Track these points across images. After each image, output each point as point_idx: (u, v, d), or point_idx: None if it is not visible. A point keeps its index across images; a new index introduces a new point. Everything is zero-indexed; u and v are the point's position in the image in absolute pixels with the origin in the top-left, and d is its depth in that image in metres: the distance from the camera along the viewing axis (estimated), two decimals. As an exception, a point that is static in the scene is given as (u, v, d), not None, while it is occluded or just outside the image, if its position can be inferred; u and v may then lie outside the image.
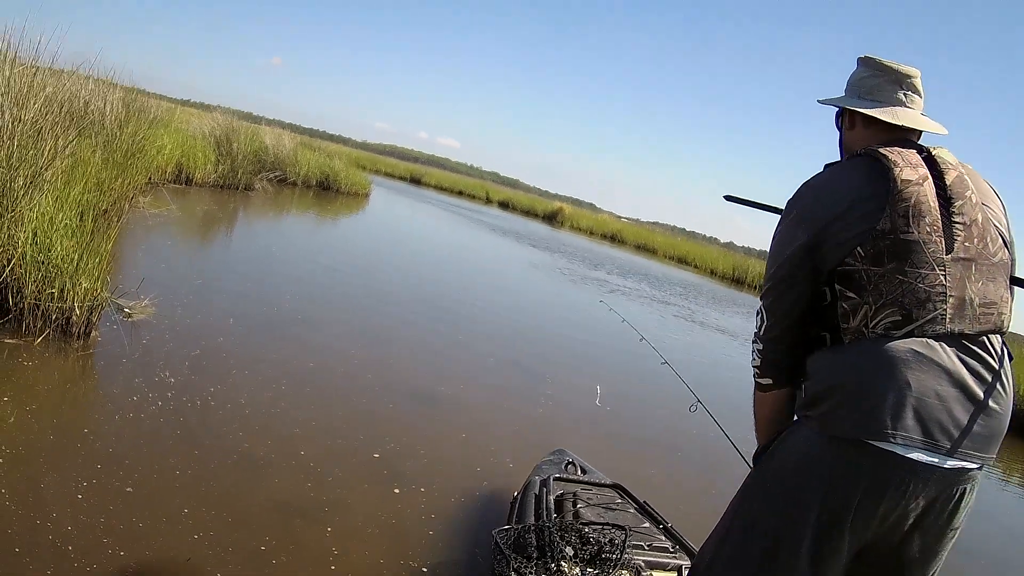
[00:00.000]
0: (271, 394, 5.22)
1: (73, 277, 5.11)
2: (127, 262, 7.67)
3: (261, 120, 26.37)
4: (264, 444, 4.38)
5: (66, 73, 9.31)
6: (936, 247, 1.82)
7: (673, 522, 3.49)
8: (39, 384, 4.44)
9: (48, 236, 5.17)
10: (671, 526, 3.43)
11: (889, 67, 2.10)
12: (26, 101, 5.49)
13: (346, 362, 6.66)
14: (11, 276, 4.91)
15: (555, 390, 7.52)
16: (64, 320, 5.16)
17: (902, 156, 1.90)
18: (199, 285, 7.92)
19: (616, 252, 35.89)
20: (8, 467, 3.39)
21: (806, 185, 2.04)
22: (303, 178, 24.11)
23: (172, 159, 14.99)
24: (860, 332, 1.85)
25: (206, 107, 25.72)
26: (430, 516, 4.05)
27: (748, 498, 2.02)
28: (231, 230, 13.44)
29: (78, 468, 3.55)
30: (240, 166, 17.87)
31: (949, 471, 1.77)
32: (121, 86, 11.91)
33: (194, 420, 4.45)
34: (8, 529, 2.95)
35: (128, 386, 4.65)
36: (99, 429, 4.05)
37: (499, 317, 11.30)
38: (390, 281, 11.88)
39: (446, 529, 3.93)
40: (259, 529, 3.46)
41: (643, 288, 20.89)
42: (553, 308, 14.38)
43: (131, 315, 5.92)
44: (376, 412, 5.55)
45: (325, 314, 8.30)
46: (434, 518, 4.03)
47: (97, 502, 3.30)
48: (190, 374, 5.13)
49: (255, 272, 9.91)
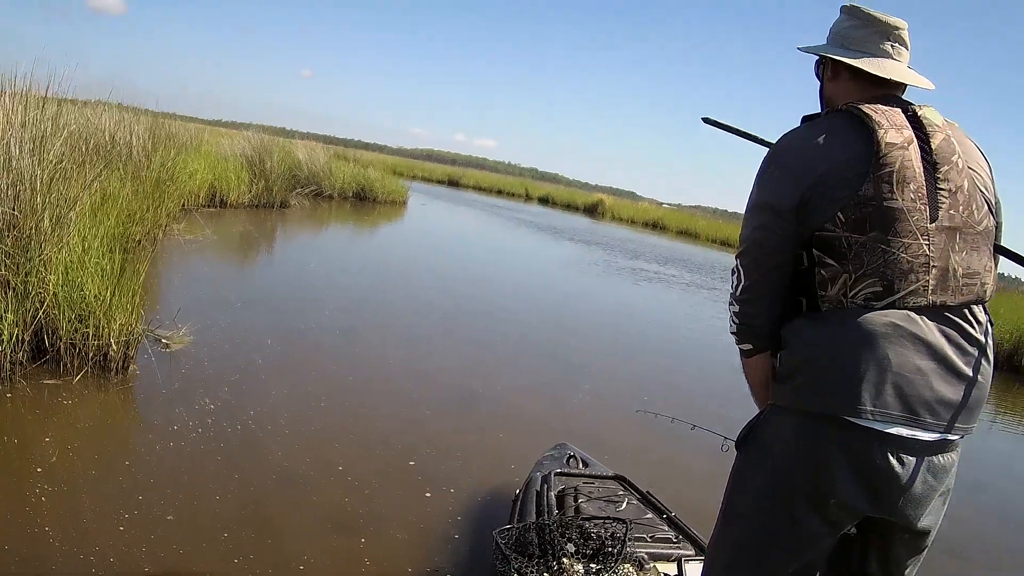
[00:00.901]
0: (310, 411, 5.36)
1: (107, 314, 5.27)
2: (163, 292, 7.87)
3: (294, 134, 26.65)
4: (303, 462, 4.51)
5: (90, 105, 9.55)
6: (920, 215, 1.79)
7: (676, 511, 3.51)
8: (80, 422, 4.61)
9: (79, 275, 5.34)
10: (674, 515, 3.44)
11: (876, 17, 2.04)
12: (49, 141, 5.63)
13: (385, 372, 6.81)
14: (45, 318, 5.09)
15: (592, 395, 7.55)
16: (101, 357, 5.33)
17: (887, 116, 1.85)
18: (237, 308, 8.09)
19: (657, 240, 35.61)
20: (51, 505, 3.55)
21: (786, 141, 2.00)
22: (339, 190, 24.34)
23: (204, 183, 15.30)
24: (839, 301, 1.82)
25: (237, 126, 26.09)
26: (457, 519, 4.14)
27: (738, 485, 2.02)
28: (268, 249, 13.68)
29: (120, 500, 3.70)
30: (274, 184, 18.12)
31: (932, 443, 1.78)
32: (147, 113, 12.19)
33: (234, 444, 4.59)
34: (52, 566, 3.09)
35: (168, 416, 4.81)
36: (140, 460, 4.20)
37: (538, 320, 11.30)
38: (428, 289, 11.97)
39: (469, 531, 4.02)
40: (297, 548, 3.57)
41: (683, 275, 20.78)
42: (593, 306, 14.41)
43: (169, 345, 6.08)
44: (414, 420, 5.65)
45: (363, 326, 8.43)
46: (460, 520, 4.13)
47: (139, 532, 3.44)
48: (229, 399, 5.28)
49: (293, 289, 10.08)
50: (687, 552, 3.10)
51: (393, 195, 27.73)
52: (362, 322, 8.46)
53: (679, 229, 43.57)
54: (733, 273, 2.01)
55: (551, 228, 30.34)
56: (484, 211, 35.49)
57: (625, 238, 32.40)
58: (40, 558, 3.14)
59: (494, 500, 4.39)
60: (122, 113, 11.06)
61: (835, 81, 2.11)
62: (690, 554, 3.09)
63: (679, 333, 12.79)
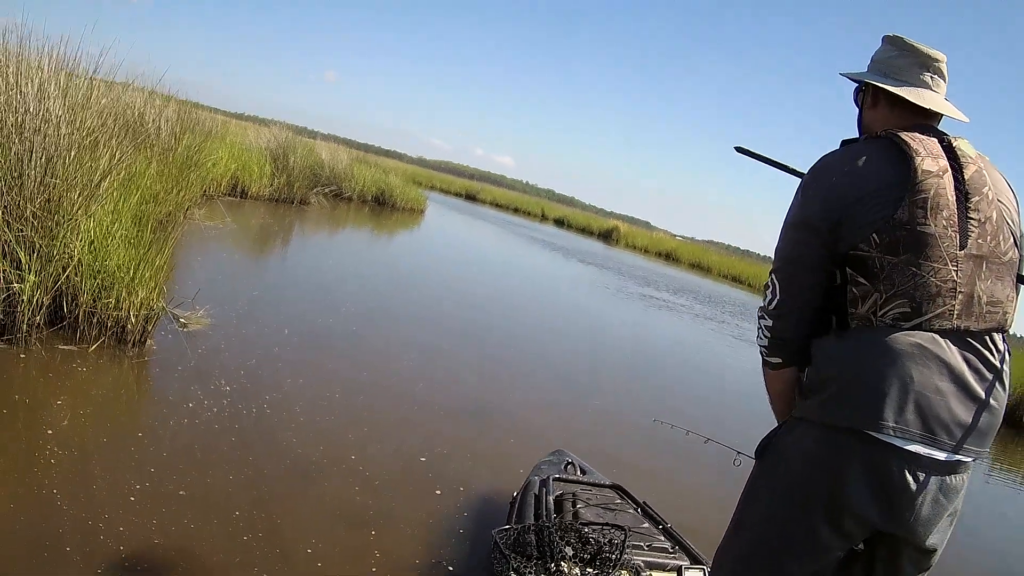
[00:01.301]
0: (325, 402, 5.31)
1: (129, 286, 5.23)
2: (183, 273, 7.82)
3: (316, 135, 26.73)
4: (316, 450, 4.46)
5: (122, 85, 9.55)
6: (951, 242, 1.84)
7: (672, 523, 3.52)
8: (93, 389, 4.55)
9: (104, 246, 5.31)
10: (671, 527, 3.47)
11: (917, 48, 2.10)
12: (83, 113, 5.62)
13: (399, 371, 6.77)
14: (66, 284, 5.03)
15: (603, 402, 7.57)
16: (119, 328, 5.28)
17: (923, 145, 1.90)
18: (255, 296, 8.07)
19: (670, 270, 35.69)
20: (61, 468, 3.47)
21: (825, 163, 2.03)
22: (359, 193, 24.43)
23: (227, 172, 15.35)
24: (868, 320, 1.88)
25: (261, 121, 26.15)
26: (463, 516, 4.11)
27: (755, 493, 2.06)
28: (287, 243, 13.67)
29: (132, 471, 3.63)
30: (296, 180, 18.17)
31: (945, 463, 1.82)
32: (176, 99, 12.20)
33: (249, 427, 4.53)
34: (59, 528, 3.01)
35: (183, 393, 4.75)
36: (153, 434, 4.13)
37: (551, 336, 11.34)
38: (443, 296, 11.97)
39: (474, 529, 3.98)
40: (306, 532, 3.52)
41: (693, 305, 20.82)
42: (604, 326, 14.42)
43: (186, 325, 6.03)
44: (426, 418, 5.65)
45: (379, 326, 8.38)
46: (466, 517, 4.11)
47: (150, 504, 3.37)
48: (246, 382, 5.23)
49: (310, 285, 10.05)
50: (683, 563, 3.13)
51: (412, 203, 27.81)
52: (378, 326, 8.41)
53: (691, 261, 43.69)
54: (768, 288, 2.06)
55: (566, 250, 30.38)
56: (501, 227, 35.62)
57: (638, 266, 32.47)
58: (48, 520, 3.06)
59: (494, 501, 4.35)
60: (151, 96, 11.09)
61: (874, 109, 2.16)
62: (686, 564, 3.12)
63: (686, 358, 12.81)
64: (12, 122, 4.78)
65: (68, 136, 5.20)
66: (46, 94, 5.13)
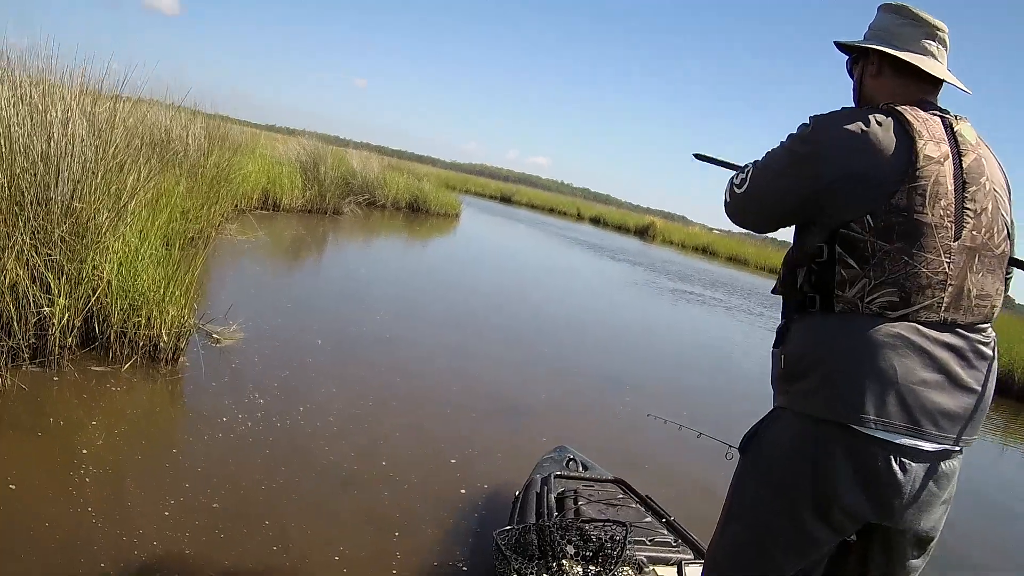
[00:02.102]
0: (358, 410, 5.38)
1: (160, 305, 5.32)
2: (215, 289, 7.95)
3: (348, 143, 26.91)
4: (348, 457, 4.53)
5: (148, 103, 9.70)
6: (946, 233, 1.83)
7: (676, 516, 3.52)
8: (128, 408, 4.64)
9: (134, 266, 5.41)
10: (674, 520, 3.47)
11: (923, 17, 2.06)
12: (109, 134, 5.71)
13: (431, 375, 6.85)
14: (97, 306, 5.13)
15: (636, 401, 7.51)
16: (152, 347, 5.37)
17: (927, 127, 1.88)
18: (288, 309, 8.14)
19: (707, 264, 35.36)
20: (95, 486, 3.56)
21: (833, 122, 1.94)
22: (392, 200, 24.54)
23: (258, 186, 15.52)
24: (854, 305, 1.85)
25: (291, 131, 26.36)
26: (483, 515, 4.17)
27: (741, 487, 2.06)
28: (320, 254, 13.81)
29: (166, 487, 3.71)
30: (328, 190, 18.31)
31: (933, 453, 1.82)
32: (203, 114, 12.38)
33: (282, 438, 4.60)
34: (94, 546, 3.09)
35: (217, 408, 4.83)
36: (188, 450, 4.21)
37: (584, 333, 11.33)
38: (478, 299, 12.01)
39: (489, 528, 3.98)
40: (335, 539, 3.59)
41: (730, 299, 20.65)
42: (638, 322, 14.42)
43: (219, 340, 6.12)
44: (458, 421, 5.73)
45: (413, 333, 8.41)
46: (484, 515, 4.16)
47: (183, 518, 3.44)
48: (279, 394, 5.30)
49: (344, 294, 10.13)
50: (686, 556, 3.13)
51: (446, 208, 27.87)
52: (411, 332, 8.44)
53: (729, 255, 43.33)
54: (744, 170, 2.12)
55: (602, 248, 30.24)
56: (536, 228, 35.60)
57: (673, 261, 32.27)
58: (82, 537, 3.13)
59: (496, 501, 4.39)
60: (178, 112, 11.23)
61: (877, 78, 2.12)
62: (689, 558, 3.11)
63: (713, 353, 12.77)
64: (38, 149, 4.87)
65: (94, 159, 5.30)
66: (72, 118, 5.23)
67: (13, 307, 4.47)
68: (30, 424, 4.09)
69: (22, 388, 4.41)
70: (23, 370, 4.62)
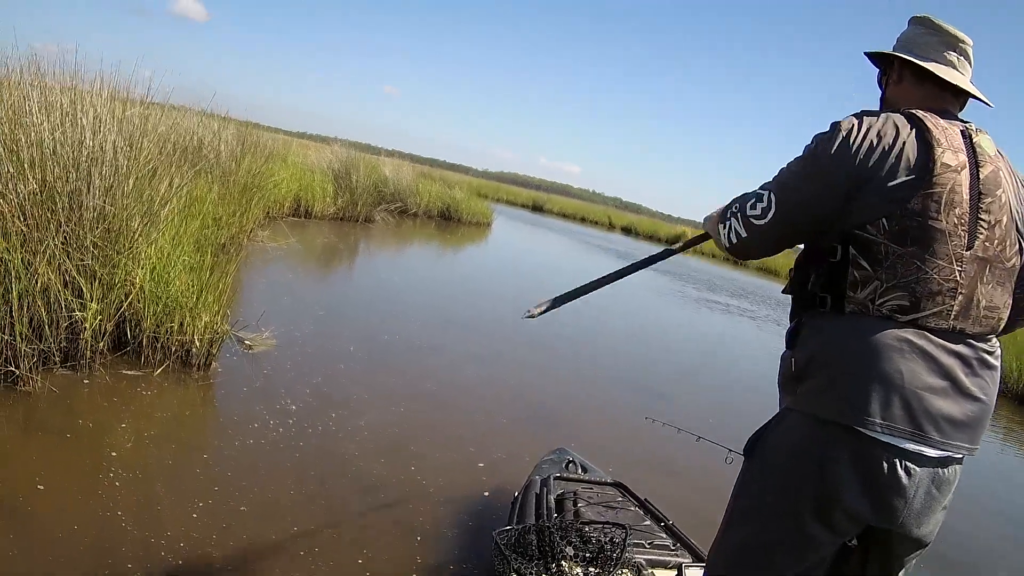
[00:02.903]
0: (389, 416, 5.41)
1: (192, 311, 5.37)
2: (247, 295, 8.01)
3: (380, 151, 26.97)
4: (378, 462, 4.56)
5: (180, 110, 9.80)
6: (959, 241, 1.84)
7: (675, 520, 3.53)
8: (158, 412, 4.68)
9: (166, 272, 5.48)
10: (672, 524, 3.48)
11: (946, 29, 2.10)
12: (140, 141, 5.77)
13: (463, 381, 6.91)
14: (129, 310, 5.18)
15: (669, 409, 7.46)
16: (184, 352, 5.42)
17: (946, 135, 1.89)
18: (320, 316, 8.20)
19: (737, 274, 35.11)
20: (125, 489, 3.59)
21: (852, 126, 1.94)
22: (424, 209, 24.59)
23: (290, 193, 15.65)
24: (864, 307, 1.87)
25: (322, 139, 26.52)
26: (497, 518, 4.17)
27: (745, 489, 2.08)
28: (352, 262, 13.89)
29: (195, 490, 3.73)
30: (360, 198, 18.39)
31: (936, 459, 1.84)
32: (235, 120, 12.52)
33: (313, 443, 4.63)
34: (122, 547, 3.12)
35: (248, 413, 4.86)
36: (218, 454, 4.24)
37: (616, 341, 11.36)
38: (506, 307, 11.97)
39: None
40: (359, 544, 3.63)
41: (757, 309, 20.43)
42: (669, 331, 14.47)
43: (252, 347, 6.16)
44: (488, 427, 5.76)
45: (446, 342, 8.43)
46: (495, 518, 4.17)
47: (211, 520, 3.47)
48: (311, 400, 5.33)
49: (376, 302, 10.18)
50: (685, 560, 3.14)
51: (478, 216, 27.84)
52: (445, 339, 8.48)
53: (759, 265, 43.16)
54: (756, 197, 2.05)
55: (632, 257, 30.11)
56: (568, 237, 35.55)
57: (703, 270, 31.95)
58: (111, 539, 3.16)
59: (496, 501, 4.41)
60: (210, 119, 11.32)
61: (899, 85, 2.17)
62: (688, 562, 3.13)
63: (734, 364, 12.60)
64: (69, 155, 4.93)
65: (126, 166, 5.35)
66: (102, 124, 5.28)
67: (44, 311, 4.53)
68: (60, 426, 4.14)
69: (52, 391, 4.47)
70: (54, 373, 4.68)
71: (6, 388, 4.35)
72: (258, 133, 13.61)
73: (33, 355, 4.45)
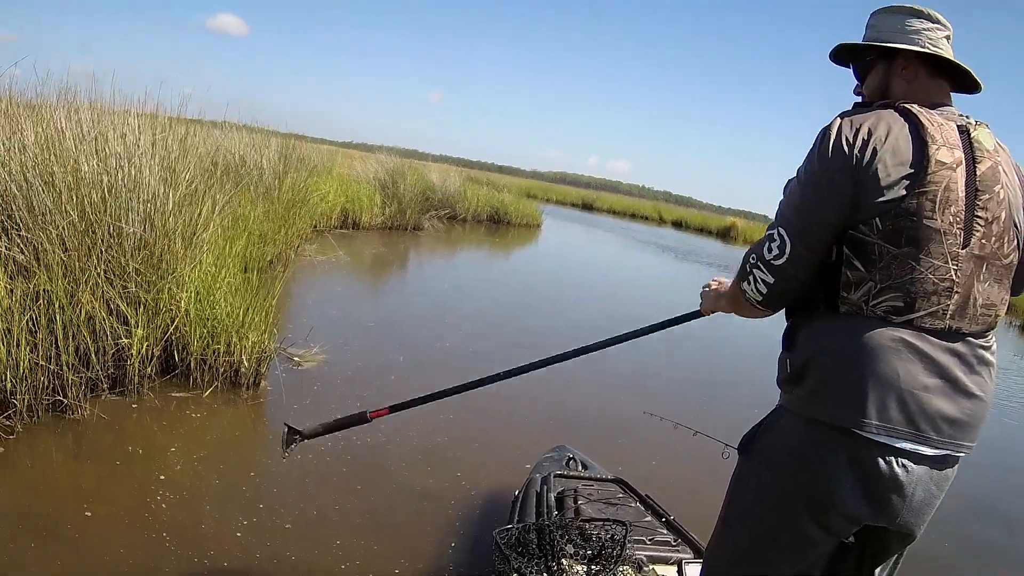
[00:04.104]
0: (436, 425, 5.43)
1: (239, 331, 5.47)
2: (296, 311, 8.10)
3: (427, 157, 27.04)
4: (424, 471, 4.62)
5: (220, 126, 9.94)
6: (954, 240, 1.83)
7: (675, 515, 3.54)
8: (207, 433, 4.78)
9: (212, 294, 5.58)
10: (673, 519, 3.49)
11: (927, 12, 2.05)
12: (180, 163, 5.87)
13: (512, 387, 6.78)
14: (176, 334, 5.30)
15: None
16: (232, 372, 5.52)
17: (941, 131, 1.87)
18: (369, 328, 8.29)
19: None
20: (171, 511, 3.69)
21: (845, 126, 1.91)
22: (473, 213, 24.68)
23: (336, 205, 15.84)
24: (858, 308, 1.86)
25: (368, 148, 26.65)
26: None
27: (740, 489, 2.09)
28: (401, 271, 14.00)
29: (241, 509, 3.82)
30: (407, 206, 18.53)
31: (934, 458, 1.85)
32: (278, 135, 12.71)
33: (361, 457, 4.69)
34: (166, 567, 3.21)
35: (297, 430, 4.89)
36: (265, 472, 4.33)
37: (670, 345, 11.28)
38: (557, 312, 11.94)
39: None
40: (398, 554, 3.70)
41: None
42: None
43: (301, 363, 6.25)
44: (536, 432, 5.73)
45: (496, 348, 8.44)
46: None
47: (255, 539, 3.55)
48: (361, 414, 5.34)
49: (425, 310, 10.24)
50: (686, 555, 3.16)
51: (527, 218, 27.83)
52: (494, 345, 8.49)
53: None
54: (771, 240, 1.97)
55: (681, 251, 29.85)
56: (618, 234, 35.38)
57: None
58: (155, 560, 3.26)
59: (495, 501, 4.41)
60: (251, 135, 11.44)
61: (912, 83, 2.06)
62: (688, 557, 3.14)
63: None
64: (105, 182, 5.05)
65: (164, 190, 5.46)
66: (138, 150, 5.40)
67: (90, 339, 4.66)
68: (109, 452, 4.26)
69: (102, 417, 4.60)
70: (103, 399, 4.82)
71: (55, 417, 4.48)
72: (302, 146, 13.73)
73: (81, 383, 4.58)
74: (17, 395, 4.24)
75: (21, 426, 4.26)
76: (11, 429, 4.18)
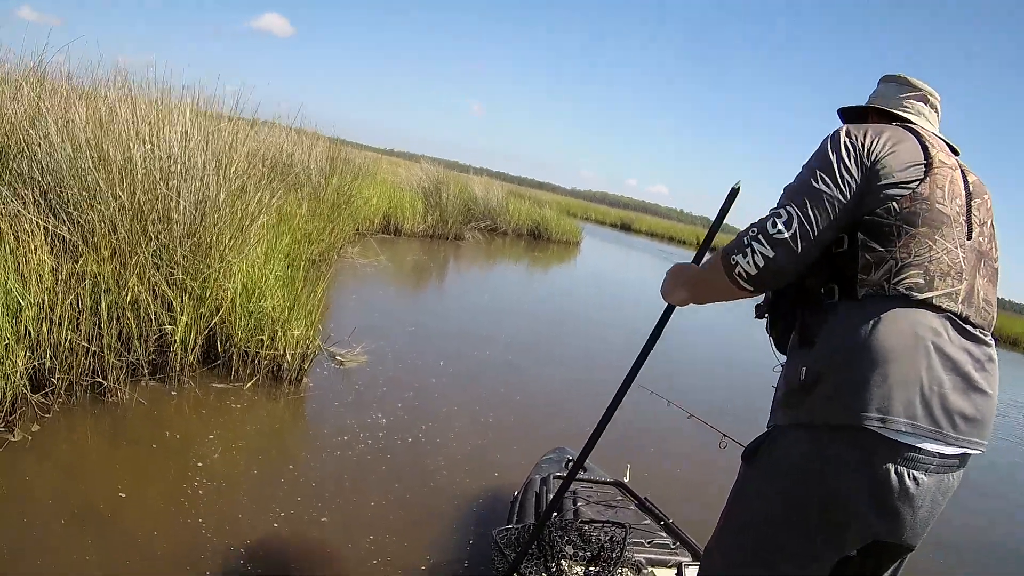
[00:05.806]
0: (476, 426, 5.41)
1: (284, 325, 5.41)
2: (338, 311, 8.07)
3: (469, 169, 27.08)
4: (462, 471, 4.57)
5: (269, 125, 9.96)
6: (961, 230, 1.90)
7: (674, 518, 3.50)
8: (247, 425, 4.71)
9: (258, 287, 5.53)
10: (672, 522, 3.46)
11: (916, 84, 2.21)
12: (229, 156, 5.84)
13: (550, 393, 6.91)
14: (220, 324, 5.24)
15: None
16: (275, 367, 5.46)
17: (938, 143, 2.02)
18: (411, 331, 8.22)
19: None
20: (208, 498, 3.61)
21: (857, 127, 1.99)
22: (514, 227, 24.62)
23: (379, 210, 15.85)
24: (880, 287, 1.85)
25: (411, 156, 26.76)
26: None
27: (745, 498, 2.02)
28: (442, 279, 13.97)
29: (278, 500, 3.73)
30: (449, 216, 18.51)
31: (951, 457, 1.82)
32: (325, 137, 12.76)
33: (400, 455, 4.62)
34: (201, 555, 3.12)
35: (338, 427, 4.87)
36: (304, 466, 4.24)
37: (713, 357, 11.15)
38: (595, 326, 11.89)
39: None
40: (429, 550, 3.66)
41: None
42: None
43: (344, 362, 6.19)
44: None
45: (535, 358, 8.40)
46: None
47: (291, 530, 3.47)
48: (402, 414, 5.33)
49: (466, 318, 10.21)
50: (685, 558, 3.13)
51: (567, 235, 27.70)
52: (533, 355, 8.45)
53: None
54: (778, 216, 1.93)
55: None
56: (656, 256, 35.18)
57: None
58: (190, 546, 3.18)
59: (495, 500, 4.35)
60: (299, 135, 11.49)
61: None
62: (687, 560, 3.11)
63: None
64: (158, 169, 5.00)
65: (215, 181, 5.41)
66: (189, 139, 5.36)
67: (134, 323, 4.60)
68: (146, 437, 4.20)
69: (141, 402, 4.54)
70: (143, 385, 4.76)
71: (93, 399, 4.44)
72: (347, 150, 13.77)
73: (121, 367, 4.52)
74: (56, 374, 4.18)
75: (58, 406, 4.21)
76: (47, 408, 4.13)
